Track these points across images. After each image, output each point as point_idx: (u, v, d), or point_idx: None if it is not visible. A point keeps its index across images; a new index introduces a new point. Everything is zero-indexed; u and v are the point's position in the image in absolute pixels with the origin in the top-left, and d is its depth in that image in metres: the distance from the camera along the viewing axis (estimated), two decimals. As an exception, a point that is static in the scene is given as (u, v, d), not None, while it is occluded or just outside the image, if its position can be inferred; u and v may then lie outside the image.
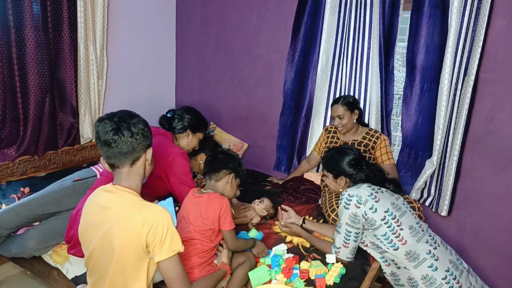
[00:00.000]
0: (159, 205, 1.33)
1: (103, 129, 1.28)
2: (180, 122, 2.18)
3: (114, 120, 1.28)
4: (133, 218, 1.22)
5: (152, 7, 3.07)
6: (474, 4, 2.01)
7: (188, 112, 2.21)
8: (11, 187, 2.23)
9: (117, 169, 1.32)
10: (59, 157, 2.53)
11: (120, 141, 1.27)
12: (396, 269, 1.73)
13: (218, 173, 1.70)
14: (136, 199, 1.28)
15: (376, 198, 1.72)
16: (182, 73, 3.43)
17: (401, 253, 1.67)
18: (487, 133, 2.14)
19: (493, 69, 2.07)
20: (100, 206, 1.29)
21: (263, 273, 1.61)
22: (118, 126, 1.27)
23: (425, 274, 1.63)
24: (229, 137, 3.21)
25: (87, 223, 1.33)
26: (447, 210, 2.27)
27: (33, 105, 2.30)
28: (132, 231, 1.21)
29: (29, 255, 1.91)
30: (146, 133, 1.34)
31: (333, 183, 1.97)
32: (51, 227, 1.93)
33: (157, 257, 1.23)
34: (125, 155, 1.29)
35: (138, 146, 1.31)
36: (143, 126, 1.33)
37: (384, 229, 1.68)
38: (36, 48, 2.24)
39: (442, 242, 1.79)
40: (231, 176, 1.71)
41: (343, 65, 2.63)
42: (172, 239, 1.24)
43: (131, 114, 1.34)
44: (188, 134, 2.18)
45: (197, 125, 2.22)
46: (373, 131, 2.42)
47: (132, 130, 1.28)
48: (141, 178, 1.36)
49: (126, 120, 1.29)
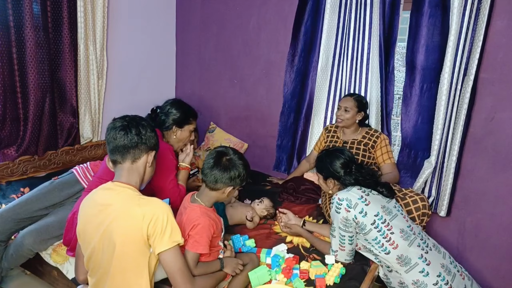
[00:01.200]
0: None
1: (114, 125, 1.38)
2: (165, 118, 2.08)
3: (126, 119, 1.40)
4: (132, 213, 1.24)
5: (152, 7, 3.07)
6: (474, 4, 2.01)
7: (172, 106, 2.11)
8: (11, 187, 2.23)
9: (119, 164, 1.37)
10: (59, 157, 2.53)
11: (127, 136, 1.35)
12: (388, 272, 1.72)
13: (215, 184, 1.51)
14: (134, 194, 1.30)
15: (366, 201, 1.71)
16: (182, 73, 3.43)
17: (393, 257, 1.66)
18: (487, 133, 2.14)
19: (493, 69, 2.07)
20: (100, 205, 1.30)
21: (263, 273, 1.61)
22: (128, 124, 1.37)
23: (416, 280, 1.62)
24: (229, 137, 3.21)
25: (86, 223, 1.33)
26: (445, 211, 2.27)
27: (33, 105, 2.30)
28: (132, 226, 1.23)
29: (28, 251, 1.90)
30: (153, 138, 1.42)
31: (323, 184, 1.97)
32: (43, 223, 1.96)
33: (157, 249, 1.24)
34: (128, 150, 1.35)
35: (142, 146, 1.37)
36: (151, 132, 1.41)
37: (375, 233, 1.68)
38: (36, 48, 2.24)
39: (434, 245, 1.77)
40: (229, 188, 1.54)
41: (343, 65, 2.63)
42: (172, 231, 1.26)
43: (143, 119, 1.44)
44: (175, 130, 2.10)
45: (182, 119, 2.11)
46: (373, 131, 2.42)
47: (140, 130, 1.37)
48: (140, 177, 1.40)
49: (137, 120, 1.40)
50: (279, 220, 2.10)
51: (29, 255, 1.93)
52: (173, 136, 2.11)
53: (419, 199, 2.09)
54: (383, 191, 1.80)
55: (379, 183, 1.84)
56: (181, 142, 2.15)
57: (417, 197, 2.10)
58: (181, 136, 2.13)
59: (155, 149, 1.44)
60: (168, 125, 2.08)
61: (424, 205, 2.09)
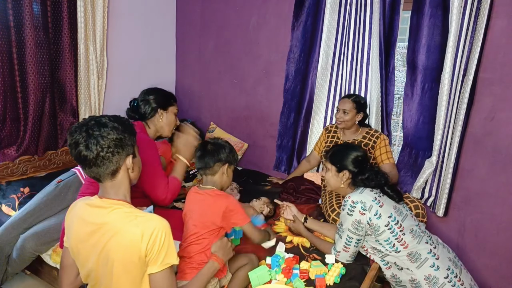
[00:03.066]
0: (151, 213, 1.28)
1: (73, 146, 1.19)
2: (147, 106, 2.03)
3: (83, 134, 1.18)
4: (131, 233, 1.16)
5: (152, 7, 3.07)
6: (474, 3, 2.01)
7: (149, 93, 2.07)
8: (11, 187, 2.23)
9: (100, 182, 1.26)
10: (59, 157, 2.53)
11: (91, 157, 1.17)
12: (398, 271, 1.72)
13: (212, 168, 1.67)
14: (130, 212, 1.21)
15: (380, 202, 1.71)
16: (182, 73, 3.43)
17: (403, 255, 1.67)
18: (487, 133, 2.14)
19: (493, 69, 2.06)
20: (91, 223, 1.21)
21: (263, 273, 1.61)
22: (87, 142, 1.17)
23: (427, 274, 1.64)
24: (229, 137, 3.21)
25: (79, 242, 1.25)
26: (443, 210, 2.27)
27: (33, 105, 2.30)
28: (131, 247, 1.16)
29: (30, 254, 1.92)
30: (121, 142, 1.22)
31: (334, 177, 1.91)
32: (44, 225, 1.97)
33: (149, 269, 1.19)
34: (101, 170, 1.20)
35: (113, 159, 1.21)
36: (116, 135, 1.21)
37: (387, 234, 1.68)
38: (36, 48, 2.24)
39: (438, 240, 1.80)
40: (225, 167, 1.69)
41: (343, 65, 2.63)
42: (167, 252, 1.20)
43: (100, 123, 1.20)
44: (161, 114, 2.04)
45: (164, 100, 2.06)
46: (373, 131, 2.42)
47: (101, 144, 1.17)
48: (126, 187, 1.28)
49: (94, 132, 1.18)
50: (282, 212, 2.09)
51: (31, 258, 1.95)
52: (160, 120, 2.03)
53: (414, 206, 2.12)
54: (388, 192, 1.79)
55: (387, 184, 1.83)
56: (170, 126, 2.08)
57: (412, 205, 2.13)
58: (168, 119, 2.06)
59: (131, 151, 1.27)
60: (151, 111, 2.01)
61: (418, 213, 2.12)
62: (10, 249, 1.94)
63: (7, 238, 1.93)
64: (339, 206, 2.13)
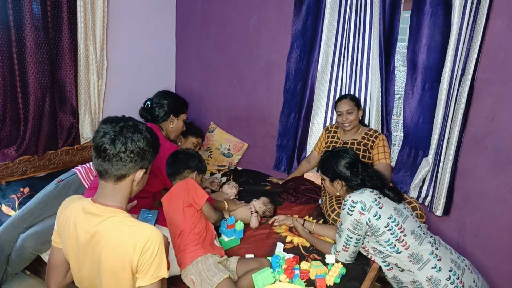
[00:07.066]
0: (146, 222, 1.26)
1: (100, 134, 1.19)
2: (161, 110, 2.13)
3: (116, 128, 1.18)
4: (123, 245, 1.14)
5: (152, 7, 3.07)
6: (474, 3, 2.01)
7: (165, 97, 2.15)
8: (11, 187, 2.23)
9: (102, 180, 1.23)
10: (59, 157, 2.53)
11: (111, 152, 1.17)
12: (399, 272, 1.72)
13: (182, 173, 1.81)
14: (123, 221, 1.18)
15: (379, 204, 1.71)
16: (182, 73, 3.43)
17: (404, 256, 1.67)
18: (487, 133, 2.14)
19: (494, 69, 2.06)
20: (85, 231, 1.19)
21: (267, 274, 1.60)
22: (115, 136, 1.17)
23: (429, 276, 1.63)
24: (229, 137, 3.21)
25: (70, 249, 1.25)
26: (441, 210, 2.26)
27: (33, 105, 2.30)
28: (122, 258, 1.15)
29: (30, 254, 1.91)
30: (145, 154, 1.22)
31: (329, 186, 1.96)
32: (43, 225, 1.97)
33: (139, 282, 1.18)
34: (112, 169, 1.19)
35: (129, 164, 1.20)
36: (144, 145, 1.21)
37: (388, 235, 1.68)
38: (36, 48, 2.23)
39: (440, 241, 1.79)
40: (195, 174, 1.83)
41: (343, 65, 2.63)
42: (158, 265, 1.18)
43: (137, 128, 1.21)
44: (172, 120, 2.14)
45: (177, 107, 2.16)
46: (373, 131, 2.42)
47: (128, 146, 1.18)
48: (125, 197, 1.26)
49: (128, 132, 1.18)
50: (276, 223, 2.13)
51: (31, 258, 1.94)
52: (170, 126, 2.15)
53: (411, 208, 2.12)
54: (389, 194, 1.78)
55: (386, 185, 1.82)
56: (177, 132, 2.21)
57: (409, 206, 2.13)
58: (177, 125, 2.19)
59: (146, 167, 1.27)
60: (164, 115, 2.12)
61: (416, 214, 2.12)
62: (10, 249, 1.94)
63: (7, 238, 1.93)
64: (339, 206, 2.13)
